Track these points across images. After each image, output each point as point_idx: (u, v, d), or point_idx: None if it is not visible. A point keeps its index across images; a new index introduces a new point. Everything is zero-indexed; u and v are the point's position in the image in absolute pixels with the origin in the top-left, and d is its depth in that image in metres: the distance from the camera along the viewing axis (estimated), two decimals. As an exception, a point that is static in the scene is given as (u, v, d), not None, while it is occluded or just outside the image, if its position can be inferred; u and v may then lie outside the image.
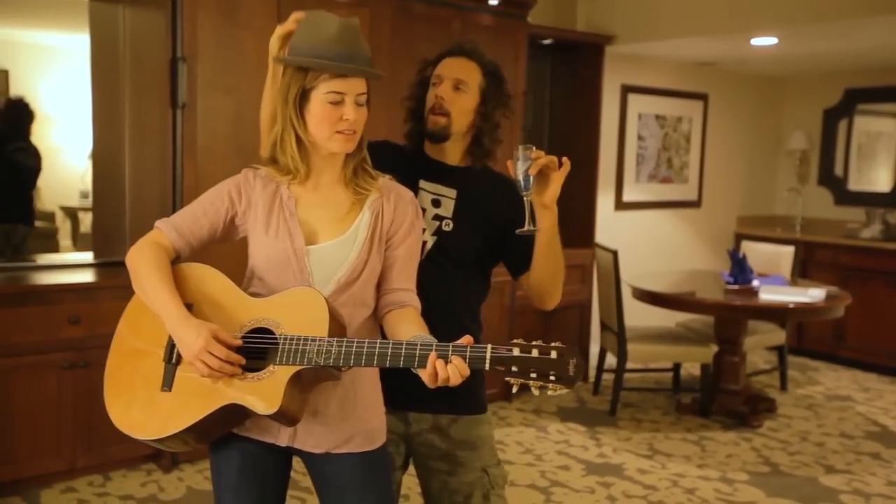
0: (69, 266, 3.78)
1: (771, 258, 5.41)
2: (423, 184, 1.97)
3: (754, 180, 6.94)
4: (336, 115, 1.60)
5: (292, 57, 1.63)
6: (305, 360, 1.52)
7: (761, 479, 3.79)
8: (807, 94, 6.84)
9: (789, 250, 5.41)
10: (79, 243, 4.17)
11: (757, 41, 4.97)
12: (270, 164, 1.72)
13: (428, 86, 1.98)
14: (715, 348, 4.62)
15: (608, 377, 5.00)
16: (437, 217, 1.96)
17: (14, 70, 3.87)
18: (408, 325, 1.64)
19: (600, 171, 5.38)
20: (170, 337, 1.61)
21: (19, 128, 3.91)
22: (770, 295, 4.40)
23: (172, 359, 1.62)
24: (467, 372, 1.47)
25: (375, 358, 1.51)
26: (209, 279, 1.67)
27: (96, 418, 3.42)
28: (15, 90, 3.88)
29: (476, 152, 1.99)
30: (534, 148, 1.74)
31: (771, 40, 4.94)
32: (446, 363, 1.46)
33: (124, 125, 3.84)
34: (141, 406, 1.61)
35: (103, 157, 4.01)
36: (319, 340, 1.52)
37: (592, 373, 5.21)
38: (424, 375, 1.48)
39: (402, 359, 1.50)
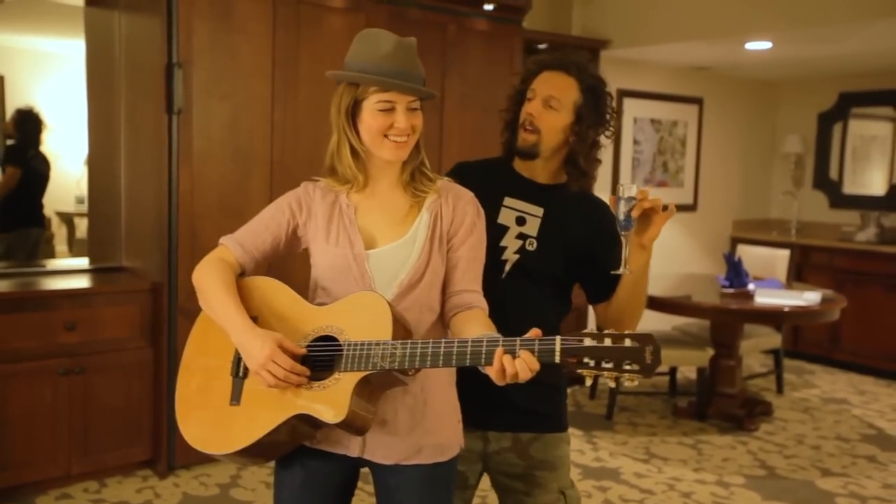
0: (65, 272, 3.78)
1: (766, 262, 5.42)
2: (507, 201, 1.92)
3: (750, 184, 6.95)
4: (387, 122, 1.61)
5: (344, 72, 1.64)
6: (370, 364, 1.50)
7: (758, 483, 3.79)
8: (801, 98, 6.86)
9: (785, 254, 5.43)
10: (74, 249, 4.17)
11: (751, 45, 4.99)
12: (329, 175, 1.73)
13: (524, 98, 1.93)
14: (711, 352, 4.63)
15: (604, 381, 4.99)
16: (522, 236, 1.91)
17: (10, 76, 3.87)
18: (475, 327, 1.61)
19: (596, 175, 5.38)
20: (236, 350, 1.61)
21: (32, 136, 3.96)
22: (766, 298, 4.40)
23: (240, 372, 1.62)
24: (537, 366, 1.41)
25: (441, 357, 1.47)
26: (274, 292, 1.67)
27: (92, 424, 3.42)
28: (11, 96, 3.88)
29: (572, 173, 1.93)
30: (638, 187, 1.68)
31: (765, 44, 4.96)
32: (514, 358, 1.41)
33: (120, 131, 3.84)
34: (212, 422, 1.61)
35: (99, 163, 4.02)
36: (384, 344, 1.49)
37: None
38: (492, 372, 1.44)
39: (468, 356, 1.46)
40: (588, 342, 1.40)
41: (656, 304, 4.53)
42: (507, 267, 1.89)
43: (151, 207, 3.57)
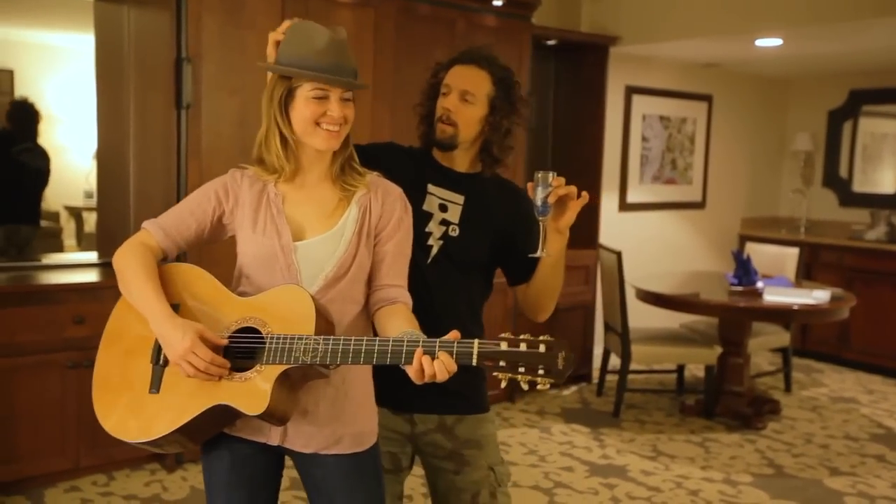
0: (73, 266, 3.79)
1: (775, 260, 5.40)
2: (431, 188, 1.98)
3: (758, 182, 6.93)
4: (320, 110, 1.62)
5: (279, 65, 1.64)
6: (292, 358, 1.52)
7: (765, 481, 3.78)
8: (811, 96, 6.83)
9: (794, 252, 5.40)
10: (83, 243, 4.18)
11: (761, 42, 4.96)
12: (257, 164, 1.73)
13: (438, 93, 1.99)
14: (719, 350, 4.61)
15: (612, 378, 4.99)
16: (444, 222, 1.97)
17: (19, 70, 3.88)
18: (398, 322, 1.64)
19: (604, 172, 5.38)
20: (156, 338, 1.61)
21: (25, 128, 3.92)
22: (774, 296, 4.39)
23: (160, 360, 1.61)
24: (454, 368, 1.46)
25: (362, 355, 1.50)
26: (196, 279, 1.67)
27: (100, 418, 3.43)
28: (20, 90, 3.89)
29: (486, 160, 2.00)
30: (554, 174, 1.74)
31: (775, 41, 4.93)
32: (433, 359, 1.46)
33: (129, 125, 3.85)
34: (129, 408, 1.61)
35: (108, 157, 4.02)
36: (306, 339, 1.51)
37: (596, 374, 5.21)
38: (411, 372, 1.48)
39: (388, 355, 1.49)
40: (504, 346, 1.44)
41: (664, 301, 4.53)
42: (433, 252, 1.95)
43: (160, 202, 3.57)
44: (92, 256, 3.98)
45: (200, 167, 3.50)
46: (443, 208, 1.98)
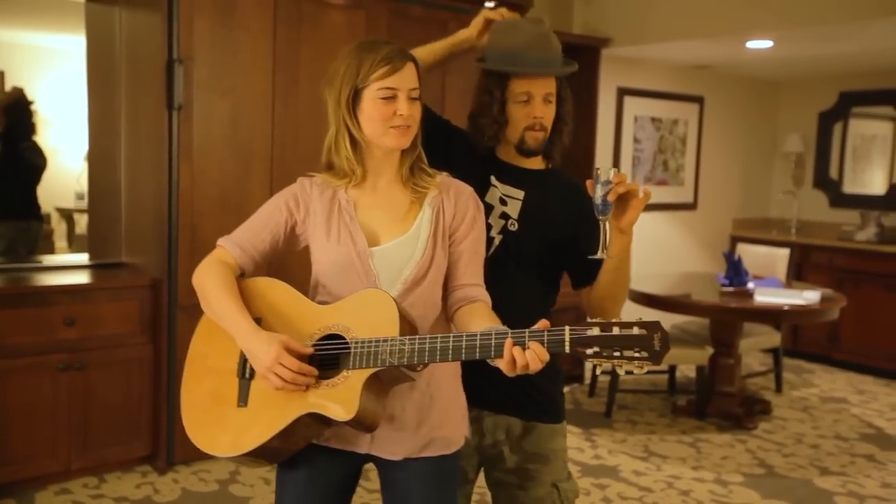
0: (65, 267, 3.78)
1: (766, 260, 5.42)
2: (493, 181, 1.93)
3: (750, 183, 6.96)
4: (389, 110, 1.60)
5: (490, 62, 1.76)
6: (379, 361, 1.49)
7: (756, 481, 3.80)
8: (802, 97, 6.86)
9: (784, 253, 5.43)
10: (74, 245, 4.17)
11: (752, 44, 4.99)
12: (326, 170, 1.71)
13: (505, 101, 1.88)
14: (710, 350, 4.63)
15: (604, 379, 5.00)
16: (504, 216, 1.92)
17: (10, 71, 3.87)
18: (479, 319, 1.61)
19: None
20: (242, 352, 1.60)
21: (25, 124, 3.92)
22: (765, 297, 4.40)
23: (246, 373, 1.61)
24: (547, 357, 1.42)
25: (450, 352, 1.46)
26: (275, 291, 1.66)
27: (92, 420, 3.42)
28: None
29: (556, 144, 1.98)
30: (616, 171, 1.66)
31: (766, 43, 4.95)
32: (524, 349, 1.42)
33: (120, 127, 3.84)
34: (219, 424, 1.60)
35: (99, 159, 4.01)
36: (391, 340, 1.49)
37: (588, 375, 5.22)
38: (502, 364, 1.44)
39: (477, 350, 1.45)
40: (596, 331, 1.40)
41: (656, 302, 4.54)
42: (495, 244, 1.91)
43: (151, 203, 3.57)
44: (83, 258, 3.97)
45: (192, 168, 3.49)
46: (503, 202, 1.93)
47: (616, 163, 5.81)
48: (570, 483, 1.99)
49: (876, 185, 6.46)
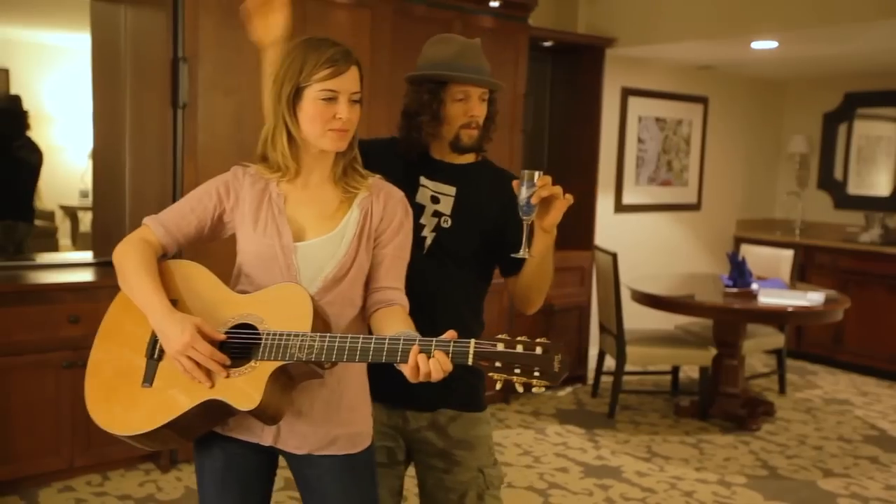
0: (69, 265, 3.78)
1: (770, 262, 5.41)
2: (423, 181, 1.98)
3: (754, 184, 6.94)
4: (329, 112, 1.61)
5: (423, 71, 1.82)
6: (287, 355, 1.51)
7: (759, 483, 3.79)
8: (807, 98, 6.85)
9: (788, 254, 5.42)
10: (78, 242, 4.17)
11: (757, 45, 4.97)
12: (260, 162, 1.73)
13: (440, 100, 1.93)
14: (714, 351, 4.62)
15: (607, 379, 5.00)
16: (436, 213, 1.97)
17: (15, 69, 3.87)
18: (394, 323, 1.64)
19: (600, 173, 5.38)
20: (152, 332, 1.61)
21: (19, 124, 3.92)
22: (769, 298, 4.40)
23: (155, 354, 1.61)
24: (449, 367, 1.46)
25: (358, 353, 1.49)
26: (195, 275, 1.67)
27: (95, 418, 3.42)
28: (15, 89, 3.88)
29: (484, 138, 2.02)
30: (540, 174, 1.72)
31: (771, 44, 4.94)
32: (429, 357, 1.45)
33: (125, 125, 3.84)
34: (121, 402, 1.61)
35: (103, 157, 4.01)
36: (302, 336, 1.51)
37: (591, 375, 5.22)
38: (406, 370, 1.47)
39: (384, 353, 1.49)
40: (500, 347, 1.43)
41: (659, 302, 4.54)
42: (427, 243, 1.95)
43: (156, 202, 3.57)
44: (87, 256, 3.97)
45: (196, 167, 3.49)
46: (434, 200, 1.98)
47: (620, 163, 5.81)
48: (495, 469, 2.04)
49: (881, 186, 6.45)
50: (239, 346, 1.58)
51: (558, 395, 5.04)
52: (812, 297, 4.42)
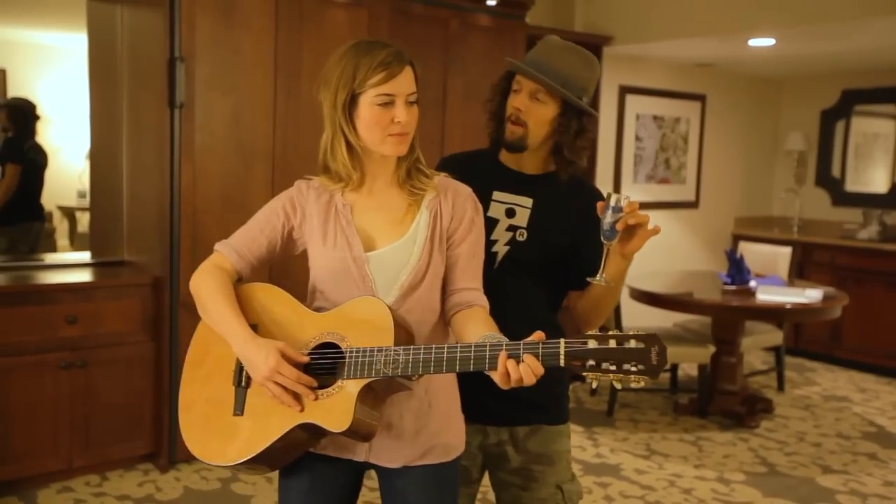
0: (67, 266, 3.78)
1: (768, 259, 5.42)
2: (496, 195, 1.91)
3: (752, 181, 6.95)
4: (387, 117, 1.57)
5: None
6: (373, 371, 1.47)
7: (758, 480, 3.80)
8: (804, 95, 6.85)
9: (786, 251, 5.42)
10: (76, 243, 4.17)
11: (754, 42, 4.98)
12: (323, 173, 1.68)
13: (509, 89, 1.90)
14: (712, 349, 4.63)
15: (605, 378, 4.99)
16: (511, 227, 1.89)
17: (12, 69, 3.87)
18: (476, 326, 1.58)
19: (598, 171, 5.39)
20: (238, 359, 1.59)
21: (29, 127, 3.94)
22: (767, 296, 4.40)
23: (242, 381, 1.60)
24: (541, 370, 1.40)
25: (445, 363, 1.45)
26: (272, 298, 1.65)
27: (93, 418, 3.42)
28: (12, 89, 3.89)
29: (559, 162, 1.92)
30: (627, 198, 1.64)
31: (768, 41, 4.94)
32: (518, 362, 1.40)
33: (122, 125, 3.84)
34: (217, 434, 1.59)
35: (101, 157, 4.02)
36: (386, 350, 1.47)
37: (590, 373, 5.21)
38: (496, 377, 1.42)
39: (471, 362, 1.43)
40: (592, 344, 1.38)
41: (658, 300, 4.53)
42: (499, 258, 1.88)
43: (153, 202, 3.57)
44: (85, 256, 3.97)
45: (193, 167, 3.49)
46: (510, 213, 1.90)
47: (618, 161, 5.81)
48: (573, 484, 1.97)
49: (878, 183, 6.45)
50: (324, 366, 1.55)
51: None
52: (810, 294, 4.42)
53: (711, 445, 4.23)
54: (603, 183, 5.63)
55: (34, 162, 3.99)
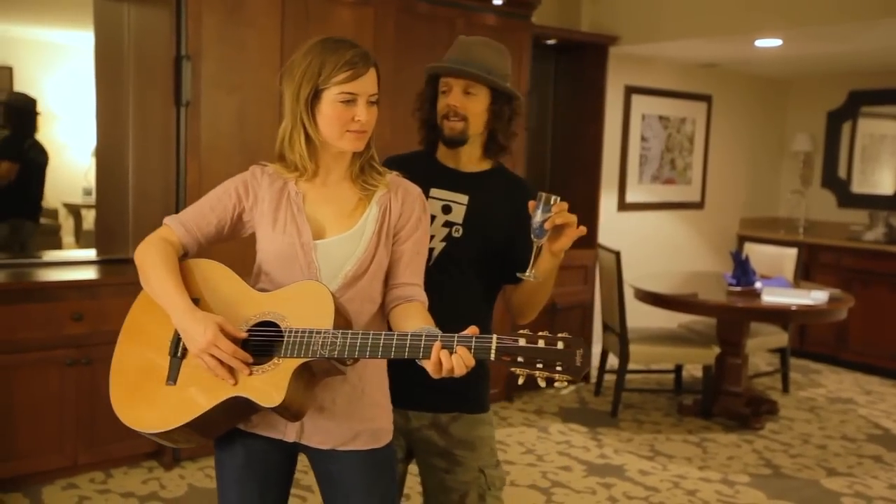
0: (72, 263, 3.79)
1: (774, 260, 5.40)
2: (433, 192, 1.98)
3: (757, 182, 6.93)
4: (348, 115, 1.62)
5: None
6: (310, 352, 1.52)
7: (763, 482, 3.79)
8: (811, 96, 6.83)
9: (792, 252, 5.41)
10: (82, 240, 4.18)
11: (761, 43, 4.96)
12: (278, 161, 1.74)
13: (436, 94, 1.99)
14: (717, 350, 4.62)
15: (610, 378, 4.99)
16: (448, 223, 1.97)
17: (18, 67, 3.88)
18: (414, 319, 1.64)
19: (603, 171, 5.38)
20: (175, 331, 1.62)
21: (27, 123, 3.93)
22: (772, 297, 4.39)
23: (178, 352, 1.63)
24: (472, 362, 1.47)
25: (380, 349, 1.51)
26: (216, 274, 1.69)
27: (98, 415, 3.43)
28: (19, 86, 3.89)
29: (492, 149, 2.02)
30: (557, 199, 1.73)
31: (775, 42, 4.93)
32: (451, 353, 1.47)
33: (128, 123, 3.85)
34: (146, 400, 1.62)
35: (107, 155, 4.02)
36: (324, 333, 1.52)
37: (594, 373, 5.21)
38: (429, 366, 1.48)
39: (406, 349, 1.50)
40: (522, 342, 1.45)
41: (663, 301, 4.53)
42: (435, 254, 1.95)
43: (159, 199, 3.57)
44: (91, 254, 3.97)
45: (199, 164, 3.50)
46: (446, 210, 1.98)
47: (623, 161, 5.80)
48: (497, 470, 2.04)
49: (885, 185, 6.43)
50: (261, 343, 1.59)
51: (561, 394, 5.04)
52: (816, 296, 4.41)
53: (716, 447, 4.22)
54: (608, 183, 5.62)
55: (34, 161, 3.97)
